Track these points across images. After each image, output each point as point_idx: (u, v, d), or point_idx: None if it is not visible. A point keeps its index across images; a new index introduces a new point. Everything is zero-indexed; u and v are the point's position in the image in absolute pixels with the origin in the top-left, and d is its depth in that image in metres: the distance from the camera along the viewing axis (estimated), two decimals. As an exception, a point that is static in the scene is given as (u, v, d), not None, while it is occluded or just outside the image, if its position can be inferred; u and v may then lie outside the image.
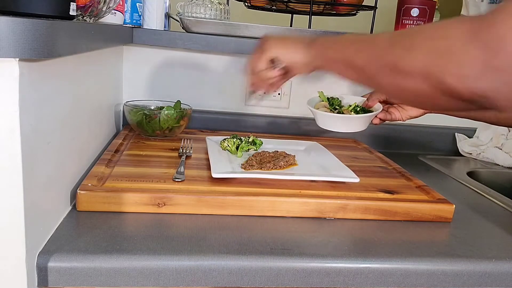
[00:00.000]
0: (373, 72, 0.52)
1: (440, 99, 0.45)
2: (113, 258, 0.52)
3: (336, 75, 0.60)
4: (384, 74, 0.50)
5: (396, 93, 0.51)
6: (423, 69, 0.44)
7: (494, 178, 1.07)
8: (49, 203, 0.55)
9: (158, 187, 0.67)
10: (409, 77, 0.46)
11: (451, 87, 0.42)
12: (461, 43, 0.41)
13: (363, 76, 0.55)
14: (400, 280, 0.57)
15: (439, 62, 0.43)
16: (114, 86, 1.00)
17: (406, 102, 0.52)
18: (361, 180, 0.74)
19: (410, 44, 0.47)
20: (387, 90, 0.52)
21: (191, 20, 1.03)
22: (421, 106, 0.51)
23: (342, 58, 0.57)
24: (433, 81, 0.44)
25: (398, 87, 0.48)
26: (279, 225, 0.65)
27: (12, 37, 0.41)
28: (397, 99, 0.50)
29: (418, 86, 0.46)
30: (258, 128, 1.14)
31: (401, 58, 0.47)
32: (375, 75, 0.52)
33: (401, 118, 0.82)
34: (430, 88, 0.44)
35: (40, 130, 0.50)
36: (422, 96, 0.47)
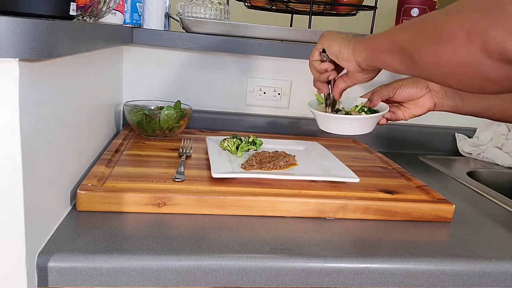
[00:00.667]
0: (416, 47, 0.49)
1: (488, 65, 0.41)
2: (113, 258, 0.52)
3: (384, 67, 0.60)
4: (426, 44, 0.47)
5: (438, 69, 0.47)
6: (468, 26, 0.41)
7: (494, 178, 1.07)
8: (49, 203, 0.55)
9: (158, 187, 0.67)
10: (452, 39, 0.43)
11: (500, 44, 0.38)
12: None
13: (407, 59, 0.52)
14: (400, 280, 0.57)
15: (487, 17, 0.40)
16: (114, 86, 1.00)
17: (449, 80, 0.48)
18: (361, 180, 0.74)
19: (458, 6, 0.44)
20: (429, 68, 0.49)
21: (191, 20, 1.03)
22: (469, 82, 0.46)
23: (386, 42, 0.56)
24: (477, 38, 0.40)
25: (440, 59, 0.45)
26: (279, 225, 0.65)
27: (12, 37, 0.41)
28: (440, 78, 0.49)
29: (461, 50, 0.42)
30: (258, 128, 1.14)
31: (445, 20, 0.45)
32: (418, 50, 0.49)
33: (404, 117, 0.81)
34: (474, 50, 0.41)
35: (40, 130, 0.50)
36: (468, 66, 0.43)
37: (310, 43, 1.06)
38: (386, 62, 0.57)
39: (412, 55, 0.51)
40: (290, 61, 1.12)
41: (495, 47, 0.39)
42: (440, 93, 0.78)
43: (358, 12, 1.20)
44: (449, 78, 0.47)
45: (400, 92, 0.78)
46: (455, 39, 0.43)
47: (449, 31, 0.44)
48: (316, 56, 0.73)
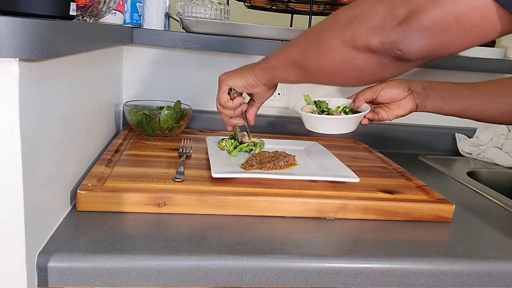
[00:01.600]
0: (305, 58, 0.60)
1: (359, 58, 0.52)
2: (113, 258, 0.52)
3: (283, 81, 0.69)
4: (312, 55, 0.58)
5: (324, 71, 0.58)
6: (341, 34, 0.53)
7: (494, 178, 1.07)
8: (49, 203, 0.55)
9: (158, 187, 0.67)
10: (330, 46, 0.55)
11: (364, 40, 0.50)
12: (371, 3, 0.50)
13: (299, 69, 0.62)
14: (400, 280, 0.57)
15: (353, 24, 0.52)
16: (114, 86, 1.00)
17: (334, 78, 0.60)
18: (361, 180, 0.74)
19: (332, 21, 0.56)
20: (318, 73, 0.60)
21: (191, 20, 1.03)
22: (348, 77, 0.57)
23: (280, 61, 0.66)
24: (348, 41, 0.52)
25: (325, 62, 0.57)
26: (279, 225, 0.65)
27: (12, 37, 0.41)
28: (327, 80, 0.61)
29: (339, 52, 0.54)
30: (258, 128, 1.13)
31: (324, 32, 0.57)
32: (307, 60, 0.60)
33: (388, 117, 0.84)
34: (348, 50, 0.52)
35: (40, 130, 0.50)
36: (345, 63, 0.54)
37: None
38: (284, 77, 0.67)
39: (302, 65, 0.61)
40: (290, 61, 1.11)
41: (361, 42, 0.51)
42: (422, 95, 0.81)
43: (358, 12, 1.20)
44: (334, 77, 0.59)
45: (382, 94, 0.82)
46: (333, 44, 0.54)
47: (328, 39, 0.55)
48: (226, 98, 0.77)
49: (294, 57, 0.62)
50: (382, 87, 0.82)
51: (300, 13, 1.22)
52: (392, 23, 0.48)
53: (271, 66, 0.68)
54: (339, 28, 0.54)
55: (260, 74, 0.71)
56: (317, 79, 0.62)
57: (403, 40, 0.47)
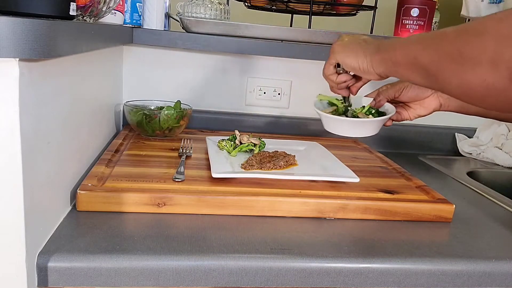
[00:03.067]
0: (438, 68, 0.49)
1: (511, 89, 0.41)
2: (113, 258, 0.52)
3: (407, 80, 0.59)
4: (450, 68, 0.47)
5: (463, 91, 0.47)
6: (492, 54, 0.41)
7: (494, 178, 1.07)
8: (49, 203, 0.55)
9: (158, 187, 0.67)
10: (476, 65, 0.43)
11: None
12: None
13: (428, 76, 0.52)
14: (400, 280, 0.57)
15: (509, 45, 0.39)
16: (114, 86, 1.00)
17: (475, 100, 0.48)
18: (361, 180, 0.74)
19: (478, 29, 0.43)
20: (454, 89, 0.49)
21: (191, 20, 1.03)
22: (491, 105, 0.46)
23: (406, 59, 0.55)
24: (503, 67, 0.40)
25: (465, 82, 0.45)
26: (279, 225, 0.65)
27: (12, 37, 0.41)
28: (466, 99, 0.49)
29: (486, 76, 0.42)
30: (258, 128, 1.14)
31: (467, 44, 0.44)
32: (441, 70, 0.48)
33: (409, 117, 0.80)
34: (500, 77, 0.41)
35: (40, 130, 0.50)
36: (492, 90, 0.42)
37: (310, 43, 1.06)
38: (408, 77, 0.57)
39: (435, 75, 0.50)
40: (290, 61, 1.12)
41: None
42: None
43: (358, 12, 1.20)
44: (474, 99, 0.47)
45: (405, 92, 0.78)
46: (479, 65, 0.42)
47: (472, 56, 0.43)
48: (331, 70, 0.72)
49: (424, 62, 0.51)
50: (406, 85, 0.77)
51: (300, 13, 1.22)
52: None
53: (395, 60, 0.58)
54: (488, 45, 0.42)
55: (378, 64, 0.62)
56: (451, 94, 0.51)
57: None
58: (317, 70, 1.15)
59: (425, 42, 0.52)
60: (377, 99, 0.79)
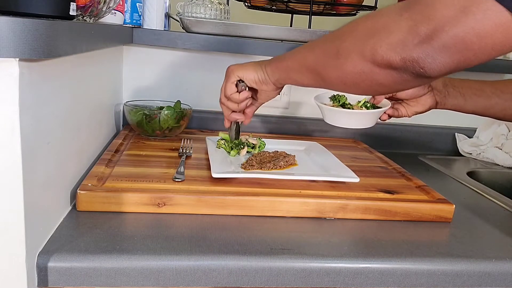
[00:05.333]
0: (322, 66, 0.58)
1: (378, 73, 0.51)
2: (113, 258, 0.52)
3: (296, 84, 0.67)
4: (331, 62, 0.56)
5: (342, 81, 0.57)
6: (360, 47, 0.51)
7: (494, 178, 1.07)
8: (49, 203, 0.55)
9: (158, 187, 0.67)
10: (349, 57, 0.53)
11: (384, 56, 0.49)
12: (392, 17, 0.49)
13: (316, 76, 0.60)
14: (400, 280, 0.57)
15: (373, 38, 0.50)
16: (114, 86, 1.00)
17: (351, 89, 0.58)
18: (361, 180, 0.74)
19: (351, 29, 0.54)
20: (334, 80, 0.58)
21: (191, 20, 1.03)
22: (367, 89, 0.56)
23: (296, 63, 0.64)
24: (368, 55, 0.50)
25: (343, 74, 0.55)
26: (279, 225, 0.65)
27: (12, 37, 0.41)
28: (344, 87, 0.59)
29: (358, 65, 0.52)
30: (258, 128, 1.14)
31: (342, 41, 0.54)
32: (325, 68, 0.58)
33: (407, 114, 0.83)
34: (367, 64, 0.51)
35: (40, 130, 0.50)
36: (364, 76, 0.53)
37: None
38: (298, 80, 0.65)
39: (320, 72, 0.59)
40: (290, 61, 1.12)
41: (381, 58, 0.49)
42: (442, 92, 0.80)
43: (358, 12, 1.20)
44: (351, 88, 0.57)
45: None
46: (352, 57, 0.53)
47: (346, 50, 0.54)
48: (233, 89, 0.75)
49: (311, 63, 0.61)
50: None
51: (300, 13, 1.22)
52: (414, 41, 0.46)
53: (286, 66, 0.66)
54: (358, 40, 0.52)
55: (272, 72, 0.69)
56: (333, 87, 0.61)
57: (425, 58, 0.46)
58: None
59: (311, 46, 0.62)
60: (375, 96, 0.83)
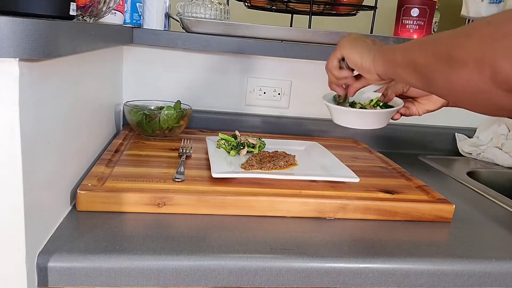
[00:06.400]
0: (431, 69, 0.50)
1: (500, 96, 0.42)
2: (113, 258, 0.52)
3: (402, 82, 0.61)
4: (439, 69, 0.48)
5: (450, 92, 0.49)
6: (477, 55, 0.42)
7: (494, 178, 1.07)
8: (49, 203, 0.55)
9: (158, 187, 0.67)
10: (462, 66, 0.44)
11: (505, 72, 0.39)
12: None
13: (422, 77, 0.53)
14: (400, 280, 0.57)
15: (494, 47, 0.40)
16: (114, 86, 1.00)
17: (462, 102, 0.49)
18: (361, 180, 0.74)
19: (467, 32, 0.45)
20: (442, 90, 0.51)
21: (191, 20, 1.03)
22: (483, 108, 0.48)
23: (404, 61, 0.57)
24: (486, 68, 0.41)
25: (452, 83, 0.46)
26: (279, 225, 0.65)
27: (12, 37, 0.41)
28: (453, 100, 0.51)
29: (471, 76, 0.43)
30: (258, 128, 1.14)
31: (456, 45, 0.45)
32: (432, 71, 0.50)
33: (418, 112, 0.80)
34: (483, 78, 0.41)
35: (40, 130, 0.50)
36: (480, 96, 0.44)
37: (310, 43, 1.06)
38: (405, 78, 0.58)
39: (427, 76, 0.51)
40: (290, 61, 1.12)
41: (504, 78, 0.39)
42: None
43: (358, 12, 1.20)
44: (461, 101, 0.48)
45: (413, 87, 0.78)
46: (465, 67, 0.43)
47: (460, 57, 0.44)
48: (335, 63, 0.72)
49: (419, 63, 0.53)
50: None
51: (300, 13, 1.22)
52: None
53: (395, 61, 0.59)
54: (475, 49, 0.42)
55: (379, 63, 0.63)
56: (441, 95, 0.55)
57: None
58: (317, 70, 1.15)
59: (422, 44, 0.54)
60: (386, 93, 0.80)
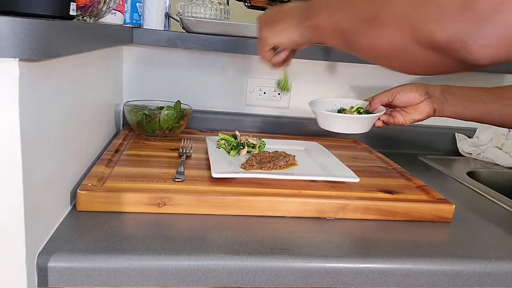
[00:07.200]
0: (354, 30, 0.52)
1: (417, 53, 0.44)
2: (113, 258, 0.52)
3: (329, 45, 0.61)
4: (363, 30, 0.50)
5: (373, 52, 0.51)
6: (401, 16, 0.44)
7: (494, 178, 1.07)
8: (49, 203, 0.55)
9: (158, 187, 0.67)
10: (386, 29, 0.46)
11: (427, 34, 0.41)
12: None
13: (346, 39, 0.54)
14: (400, 280, 0.57)
15: (417, 10, 0.42)
16: (114, 86, 1.00)
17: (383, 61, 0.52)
18: (361, 180, 0.74)
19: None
20: (365, 50, 0.52)
21: (191, 20, 1.03)
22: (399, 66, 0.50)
23: (329, 25, 0.57)
24: (408, 30, 0.43)
25: (376, 45, 0.49)
26: (279, 225, 0.65)
27: (12, 37, 0.41)
28: (375, 60, 0.53)
29: (394, 39, 0.45)
30: (258, 128, 1.14)
31: (381, 7, 0.47)
32: (356, 32, 0.52)
33: (404, 122, 0.83)
34: (406, 40, 0.44)
35: (40, 130, 0.50)
36: (399, 53, 0.46)
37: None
38: (332, 41, 0.58)
39: (351, 37, 0.53)
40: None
41: (424, 36, 0.42)
42: (440, 99, 0.80)
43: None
44: (382, 61, 0.51)
45: (399, 97, 0.81)
46: (388, 28, 0.46)
47: (382, 18, 0.46)
48: (270, 55, 0.71)
49: (344, 26, 0.53)
50: (399, 90, 0.81)
51: (300, 13, 1.21)
52: (467, 18, 0.38)
53: (321, 27, 0.59)
54: (399, 9, 0.44)
55: (306, 33, 0.62)
56: (362, 55, 0.54)
57: (478, 40, 0.38)
58: (317, 70, 1.15)
59: (347, 6, 0.55)
60: (372, 102, 0.83)
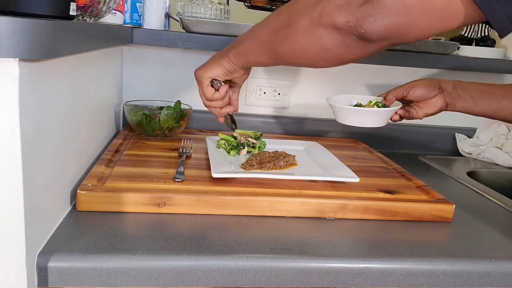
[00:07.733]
0: (276, 37, 0.61)
1: (324, 35, 0.54)
2: (113, 258, 0.52)
3: (258, 65, 0.69)
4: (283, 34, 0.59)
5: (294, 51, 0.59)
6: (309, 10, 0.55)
7: (494, 178, 1.07)
8: (49, 203, 0.55)
9: (158, 187, 0.67)
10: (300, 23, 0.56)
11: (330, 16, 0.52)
12: None
13: (271, 52, 0.63)
14: (400, 280, 0.57)
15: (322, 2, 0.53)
16: (114, 86, 1.00)
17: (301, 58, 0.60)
18: (361, 180, 0.74)
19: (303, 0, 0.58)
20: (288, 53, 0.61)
21: (191, 20, 1.03)
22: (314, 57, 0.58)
23: (252, 44, 0.66)
24: (316, 17, 0.54)
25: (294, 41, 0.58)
26: (279, 225, 0.65)
27: (12, 37, 0.41)
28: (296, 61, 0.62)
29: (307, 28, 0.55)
30: (258, 128, 1.13)
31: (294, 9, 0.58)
32: (278, 40, 0.60)
33: (418, 116, 0.85)
34: (316, 27, 0.54)
35: (40, 130, 0.50)
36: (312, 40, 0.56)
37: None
38: (260, 60, 0.67)
39: (274, 46, 0.62)
40: (290, 61, 1.12)
41: (327, 19, 0.53)
42: (452, 94, 0.82)
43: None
44: (301, 56, 0.59)
45: (413, 91, 0.83)
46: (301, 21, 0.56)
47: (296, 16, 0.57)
48: (211, 91, 0.76)
49: (265, 37, 0.63)
50: (413, 85, 0.83)
51: (300, 13, 1.21)
52: (358, 2, 0.50)
53: (244, 50, 0.68)
54: (309, 7, 0.55)
55: (235, 59, 0.70)
56: (285, 59, 0.63)
57: (367, 18, 0.49)
58: (317, 70, 1.15)
59: (262, 23, 0.65)
60: (387, 97, 0.85)
